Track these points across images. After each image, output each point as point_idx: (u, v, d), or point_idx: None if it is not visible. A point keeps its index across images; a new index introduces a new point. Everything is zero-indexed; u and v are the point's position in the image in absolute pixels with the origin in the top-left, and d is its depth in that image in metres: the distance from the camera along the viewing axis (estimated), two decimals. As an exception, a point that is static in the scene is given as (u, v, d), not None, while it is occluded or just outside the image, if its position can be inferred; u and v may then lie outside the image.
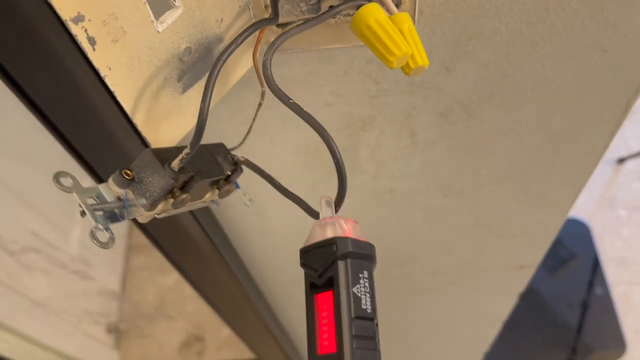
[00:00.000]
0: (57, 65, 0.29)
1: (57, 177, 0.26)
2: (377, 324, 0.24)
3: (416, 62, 0.28)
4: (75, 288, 1.56)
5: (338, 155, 0.27)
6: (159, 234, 0.52)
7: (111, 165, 0.30)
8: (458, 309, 0.85)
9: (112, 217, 0.28)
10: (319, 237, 0.26)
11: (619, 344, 1.64)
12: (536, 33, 0.35)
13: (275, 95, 0.28)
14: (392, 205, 0.56)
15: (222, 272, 0.58)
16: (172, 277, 1.89)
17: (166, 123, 0.32)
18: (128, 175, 0.28)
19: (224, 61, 0.29)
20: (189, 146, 0.28)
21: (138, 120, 0.30)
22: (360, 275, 0.25)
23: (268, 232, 0.59)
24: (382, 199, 0.54)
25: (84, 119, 0.35)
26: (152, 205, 0.28)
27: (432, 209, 0.56)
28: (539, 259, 0.68)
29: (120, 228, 1.93)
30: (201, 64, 0.32)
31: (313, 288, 0.25)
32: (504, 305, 0.84)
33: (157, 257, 1.95)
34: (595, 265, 1.75)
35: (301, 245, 0.66)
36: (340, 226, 0.26)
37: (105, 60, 0.26)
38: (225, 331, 1.76)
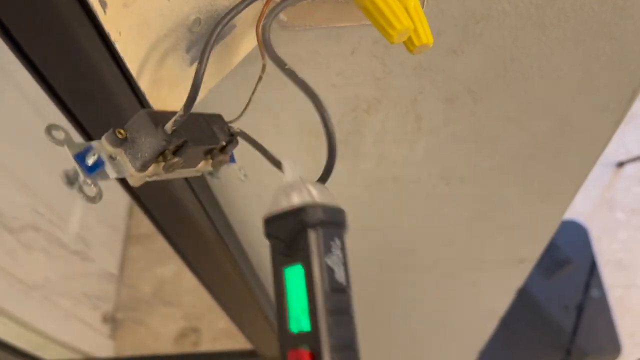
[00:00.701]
0: (61, 25, 0.29)
1: (49, 129, 0.26)
2: (350, 294, 0.23)
3: (420, 39, 0.29)
4: (74, 269, 1.57)
5: (329, 124, 0.26)
6: (160, 214, 0.52)
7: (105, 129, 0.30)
8: (455, 304, 0.86)
9: (102, 174, 0.28)
10: (284, 204, 0.24)
11: (614, 346, 1.64)
12: (545, 17, 0.35)
13: (272, 60, 0.28)
14: (393, 194, 0.56)
15: (222, 254, 0.58)
16: (169, 269, 1.90)
17: (173, 93, 0.32)
18: (121, 134, 0.28)
19: (224, 25, 0.29)
20: (182, 108, 0.28)
21: (145, 88, 0.30)
22: (332, 244, 0.23)
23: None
24: (384, 186, 0.54)
25: (88, 87, 0.35)
26: (142, 166, 0.28)
27: (434, 198, 0.56)
28: (538, 252, 0.68)
29: (119, 219, 1.93)
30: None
31: (280, 260, 0.23)
32: (501, 301, 0.84)
33: (154, 249, 1.95)
34: (592, 268, 1.75)
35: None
36: (309, 191, 0.24)
37: (116, 24, 0.26)
38: (221, 323, 1.76)
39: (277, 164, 0.31)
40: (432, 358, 1.12)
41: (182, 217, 0.52)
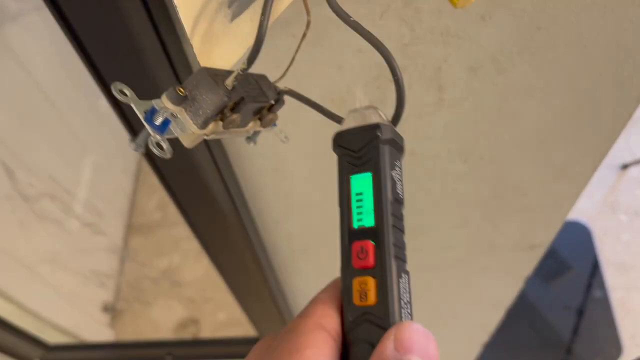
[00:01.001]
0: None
1: (116, 86, 0.26)
2: (403, 211, 0.26)
3: (466, -9, 0.29)
4: (85, 243, 1.57)
5: (398, 72, 0.27)
6: (179, 185, 0.52)
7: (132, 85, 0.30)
8: (462, 290, 0.85)
9: (164, 130, 0.28)
10: (356, 123, 0.27)
11: (616, 348, 1.64)
12: (576, -19, 0.36)
13: (336, 14, 0.28)
14: (411, 170, 0.56)
15: (236, 229, 0.58)
16: (170, 259, 1.89)
17: (216, 50, 0.32)
18: (181, 92, 0.28)
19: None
20: (246, 61, 0.28)
21: (194, 43, 0.30)
22: (396, 163, 0.26)
23: (285, 192, 0.59)
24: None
25: (119, 44, 0.35)
26: (204, 123, 0.28)
27: (451, 175, 0.56)
28: (550, 238, 0.68)
29: (123, 207, 1.93)
30: (250, -10, 0.32)
31: (348, 169, 0.26)
32: (509, 290, 0.84)
33: (155, 239, 1.95)
34: (595, 269, 1.75)
35: (317, 210, 0.66)
36: (382, 115, 0.27)
37: None
38: (221, 314, 1.76)
39: (333, 116, 0.32)
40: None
41: (202, 191, 0.51)
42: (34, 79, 1.27)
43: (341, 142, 0.27)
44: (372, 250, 0.24)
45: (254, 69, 0.42)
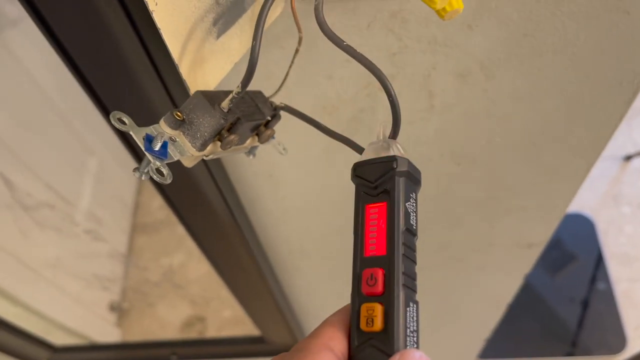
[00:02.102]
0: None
1: (114, 115, 0.27)
2: (416, 244, 0.27)
3: (452, 4, 0.29)
4: (86, 249, 1.58)
5: (393, 94, 0.28)
6: (175, 193, 0.53)
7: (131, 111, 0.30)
8: (463, 289, 0.86)
9: (163, 155, 0.28)
10: (375, 154, 0.28)
11: (620, 339, 1.65)
12: (560, -10, 0.36)
13: (329, 39, 0.28)
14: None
15: (234, 235, 0.59)
16: (175, 258, 1.91)
17: (202, 68, 0.32)
18: (179, 116, 0.28)
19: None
20: (240, 85, 0.29)
21: (178, 61, 0.30)
22: (411, 195, 0.27)
23: (281, 196, 0.59)
24: (395, 166, 0.55)
25: (108, 61, 0.35)
26: (202, 145, 0.29)
27: (444, 178, 0.57)
28: (547, 236, 0.68)
29: (126, 208, 1.94)
30: (234, 8, 0.33)
31: (364, 199, 0.27)
32: (509, 287, 0.85)
33: (160, 238, 1.96)
34: (599, 261, 1.75)
35: (313, 212, 0.67)
36: (400, 149, 0.28)
37: None
38: (227, 312, 1.77)
39: (326, 130, 0.33)
40: (438, 346, 1.13)
41: (197, 196, 0.52)
42: (35, 84, 1.27)
43: (359, 172, 0.28)
44: (382, 277, 0.25)
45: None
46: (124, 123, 0.27)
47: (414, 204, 0.27)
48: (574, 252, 1.79)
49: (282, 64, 0.41)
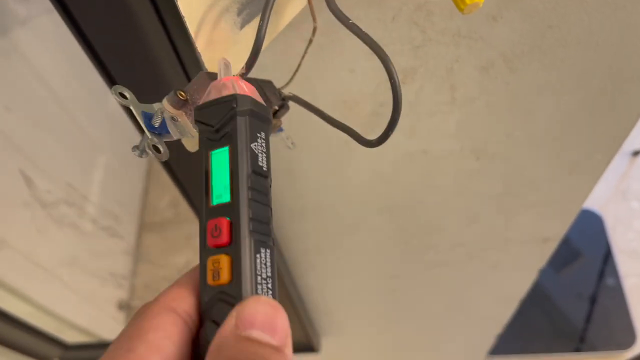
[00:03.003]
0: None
1: (116, 89, 0.27)
2: (270, 185, 0.25)
3: (472, -4, 0.29)
4: (101, 246, 1.59)
5: (395, 76, 0.27)
6: (187, 178, 0.53)
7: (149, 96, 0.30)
8: (476, 285, 0.86)
9: (166, 135, 0.28)
10: (216, 95, 0.26)
11: (629, 335, 1.64)
12: (587, -19, 0.36)
13: (335, 16, 0.28)
14: (422, 169, 0.56)
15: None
16: (184, 257, 1.91)
17: (226, 57, 0.32)
18: (182, 96, 0.28)
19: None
20: (244, 66, 0.28)
21: (201, 49, 0.30)
22: (258, 134, 0.25)
23: (299, 193, 0.59)
24: (415, 160, 0.55)
25: (130, 46, 0.35)
26: (198, 132, 0.29)
27: (463, 173, 0.57)
28: (563, 231, 0.68)
29: (136, 208, 1.95)
30: (259, 0, 0.33)
31: (208, 145, 0.25)
32: (522, 282, 0.85)
33: (169, 237, 1.96)
34: (607, 257, 1.75)
35: (331, 210, 0.66)
36: (240, 86, 0.26)
37: None
38: (236, 310, 1.77)
39: (333, 121, 0.32)
40: (450, 341, 1.13)
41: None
42: (46, 83, 1.28)
43: (200, 117, 0.26)
44: (227, 227, 0.23)
45: (266, 74, 0.42)
46: (125, 97, 0.27)
47: (263, 144, 0.25)
48: (581, 248, 1.79)
49: (306, 58, 0.41)
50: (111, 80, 0.38)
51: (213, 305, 0.22)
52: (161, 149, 0.27)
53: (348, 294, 0.88)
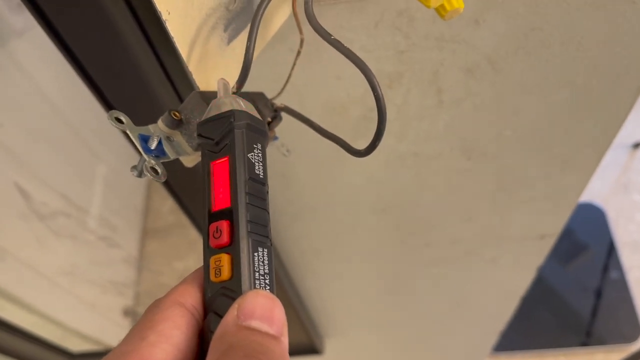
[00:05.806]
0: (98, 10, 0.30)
1: (112, 114, 0.27)
2: (267, 191, 0.27)
3: (452, 3, 0.29)
4: (101, 256, 1.59)
5: (378, 89, 0.28)
6: (189, 197, 0.53)
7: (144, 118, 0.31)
8: (476, 282, 0.86)
9: (160, 154, 0.29)
10: (216, 112, 0.28)
11: (634, 327, 1.64)
12: (566, -18, 0.36)
13: (316, 32, 0.29)
14: (415, 170, 0.57)
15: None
16: (187, 262, 1.91)
17: (214, 74, 0.33)
18: (176, 116, 0.29)
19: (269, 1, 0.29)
20: (235, 84, 0.29)
21: (192, 69, 0.30)
22: (255, 145, 0.27)
23: (293, 197, 0.60)
24: (406, 163, 0.55)
25: (121, 69, 0.36)
26: (199, 145, 0.29)
27: (455, 173, 0.57)
28: (559, 227, 0.69)
29: (137, 215, 1.96)
30: (244, 14, 0.33)
31: (209, 156, 0.27)
32: (522, 279, 0.85)
33: (171, 243, 1.97)
34: (611, 250, 1.75)
35: (327, 212, 0.67)
36: (237, 102, 0.28)
37: (165, 3, 0.27)
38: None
39: (324, 132, 0.33)
40: (452, 339, 1.13)
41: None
42: (41, 94, 1.29)
43: (202, 131, 0.28)
44: (227, 229, 0.25)
45: (255, 84, 0.43)
46: (121, 122, 0.27)
47: (260, 154, 0.27)
48: (585, 242, 1.78)
49: (290, 66, 0.42)
50: (107, 104, 0.38)
51: (216, 299, 0.24)
52: (159, 170, 0.28)
53: (348, 295, 0.88)
